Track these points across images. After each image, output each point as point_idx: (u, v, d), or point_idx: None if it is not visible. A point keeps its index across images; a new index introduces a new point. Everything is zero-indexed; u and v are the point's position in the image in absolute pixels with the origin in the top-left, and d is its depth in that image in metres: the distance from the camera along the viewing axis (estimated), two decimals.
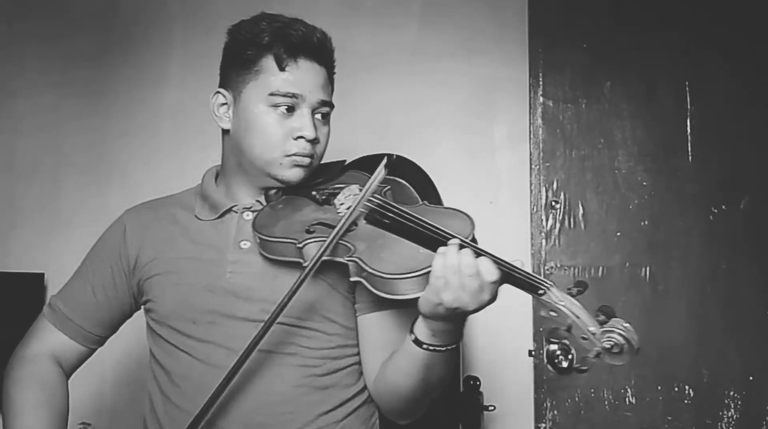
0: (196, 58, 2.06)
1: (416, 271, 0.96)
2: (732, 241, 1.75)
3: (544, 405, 1.77)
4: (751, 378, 1.72)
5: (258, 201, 1.22)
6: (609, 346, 0.90)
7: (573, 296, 0.95)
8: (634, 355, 0.91)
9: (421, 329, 1.02)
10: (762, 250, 1.75)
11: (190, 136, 2.03)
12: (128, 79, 2.07)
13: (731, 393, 1.72)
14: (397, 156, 1.76)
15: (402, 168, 1.73)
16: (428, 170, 1.75)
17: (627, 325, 0.91)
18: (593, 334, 0.92)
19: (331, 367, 1.16)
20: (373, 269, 0.98)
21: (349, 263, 1.02)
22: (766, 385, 1.72)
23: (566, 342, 0.95)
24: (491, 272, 0.95)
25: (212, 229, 1.22)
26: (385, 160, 1.11)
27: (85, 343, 1.26)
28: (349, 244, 1.04)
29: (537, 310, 1.77)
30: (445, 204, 1.73)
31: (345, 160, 1.32)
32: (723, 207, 1.77)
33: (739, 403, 1.72)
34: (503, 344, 1.83)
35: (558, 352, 1.76)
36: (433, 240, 0.98)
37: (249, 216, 1.20)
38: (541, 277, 0.96)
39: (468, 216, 1.06)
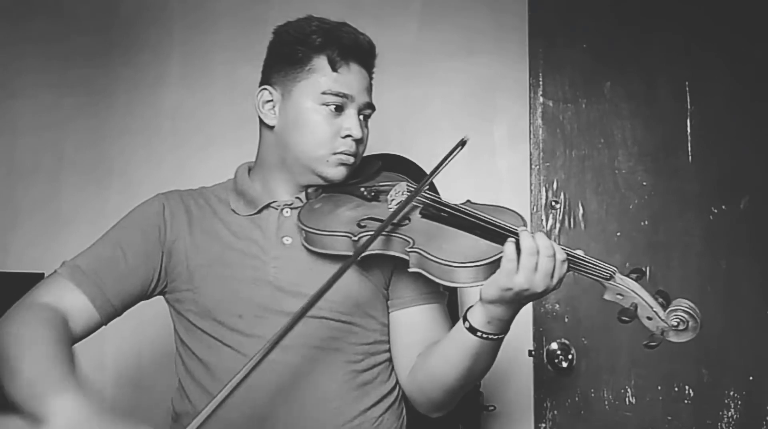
0: (196, 58, 2.06)
1: (482, 259, 1.01)
2: (732, 241, 1.75)
3: (544, 405, 1.77)
4: (751, 378, 1.72)
5: (298, 198, 1.24)
6: (676, 323, 0.98)
7: (635, 281, 1.02)
8: (698, 330, 0.98)
9: (477, 316, 1.05)
10: (762, 250, 1.75)
11: (190, 136, 2.03)
12: (128, 79, 2.07)
13: (731, 393, 1.72)
14: (397, 156, 1.77)
15: (402, 168, 1.74)
16: (428, 170, 1.75)
17: (691, 303, 0.98)
18: (657, 313, 0.99)
19: (370, 363, 1.19)
20: (439, 258, 1.02)
21: (411, 255, 1.06)
22: (766, 385, 1.72)
23: (636, 319, 1.03)
24: (562, 253, 1.03)
25: (251, 224, 1.22)
26: (459, 146, 1.19)
27: (100, 309, 1.16)
28: (406, 238, 1.08)
29: (538, 309, 1.78)
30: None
31: (380, 160, 1.35)
32: (723, 207, 1.77)
33: (739, 403, 1.72)
34: (503, 344, 1.83)
35: (558, 352, 1.76)
36: (493, 231, 1.05)
37: (289, 212, 1.22)
38: (607, 263, 1.04)
39: (516, 212, 1.12)
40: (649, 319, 1.00)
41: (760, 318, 1.73)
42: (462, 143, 1.20)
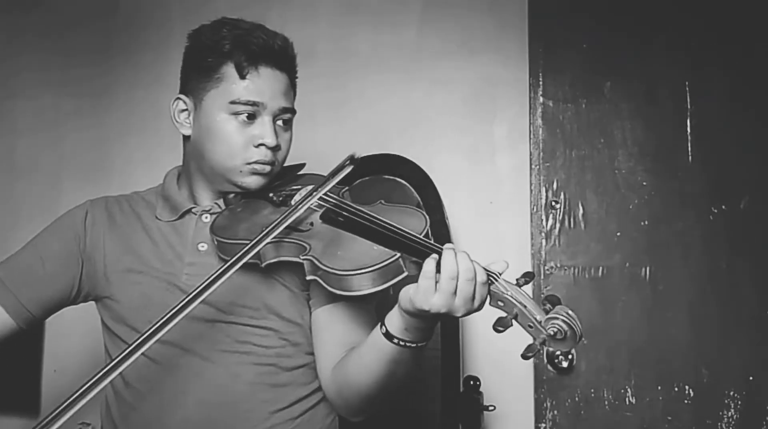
0: None
1: (369, 266, 0.98)
2: (732, 241, 1.75)
3: (544, 405, 1.77)
4: (751, 378, 1.72)
5: (216, 204, 1.23)
6: (553, 332, 0.92)
7: (520, 286, 0.98)
8: (578, 341, 0.93)
9: (395, 323, 1.01)
10: (762, 250, 1.75)
11: None
12: (128, 79, 2.07)
13: (731, 393, 1.72)
14: (397, 156, 1.77)
15: (402, 168, 1.74)
16: (428, 170, 1.75)
17: (570, 312, 0.93)
18: (539, 322, 0.94)
19: (285, 365, 1.17)
20: (327, 266, 1.00)
21: (305, 262, 1.04)
22: (766, 385, 1.72)
23: (507, 330, 0.96)
24: (483, 275, 0.96)
25: (171, 230, 1.22)
26: (347, 160, 1.13)
27: (15, 316, 1.18)
28: (304, 243, 1.06)
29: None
30: (446, 204, 1.73)
31: (304, 164, 1.32)
32: (723, 207, 1.77)
33: (739, 403, 1.72)
34: (503, 344, 1.82)
35: (558, 352, 1.76)
36: (387, 237, 1.00)
37: (207, 218, 1.21)
38: (490, 269, 0.99)
39: (423, 214, 1.09)
40: (530, 327, 0.95)
41: (760, 318, 1.73)
42: (351, 161, 1.15)
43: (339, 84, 1.92)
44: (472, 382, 1.71)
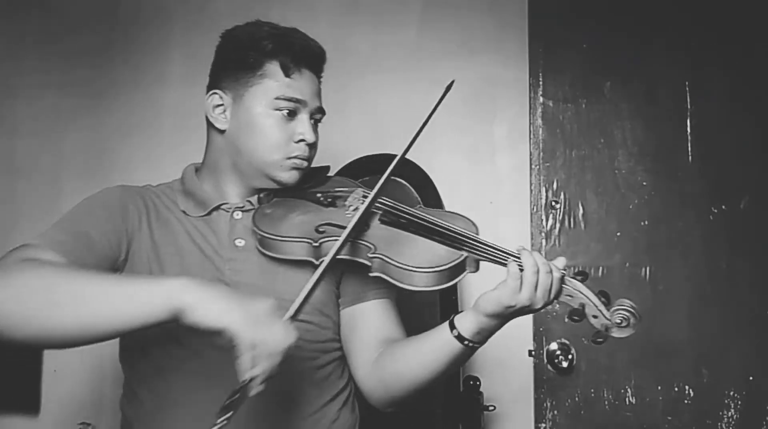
0: (196, 58, 2.05)
1: (442, 265, 1.05)
2: (732, 241, 1.75)
3: (544, 405, 1.77)
4: (751, 378, 1.72)
5: (249, 201, 1.24)
6: (619, 320, 1.05)
7: (581, 282, 1.08)
8: (638, 325, 1.05)
9: (468, 326, 1.08)
10: (762, 250, 1.75)
11: (190, 136, 2.02)
12: (128, 79, 2.07)
13: (731, 393, 1.72)
14: (396, 156, 1.76)
15: (402, 168, 1.74)
16: (428, 170, 1.75)
17: (631, 302, 1.06)
18: (602, 312, 1.05)
19: (325, 360, 1.21)
20: (400, 263, 1.06)
21: (373, 260, 1.08)
22: (766, 385, 1.72)
23: (583, 320, 1.09)
24: (558, 271, 1.06)
25: (204, 225, 1.22)
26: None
27: None
28: (368, 244, 1.10)
29: None
30: (446, 204, 1.73)
31: (329, 166, 1.36)
32: (723, 207, 1.77)
33: (739, 403, 1.72)
34: (503, 344, 1.82)
35: (558, 352, 1.76)
36: (451, 237, 1.08)
37: (239, 215, 1.22)
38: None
39: (467, 218, 1.16)
40: (595, 317, 1.06)
41: (760, 318, 1.73)
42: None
43: (339, 84, 1.92)
44: (472, 382, 1.71)
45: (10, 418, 2.01)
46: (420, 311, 1.62)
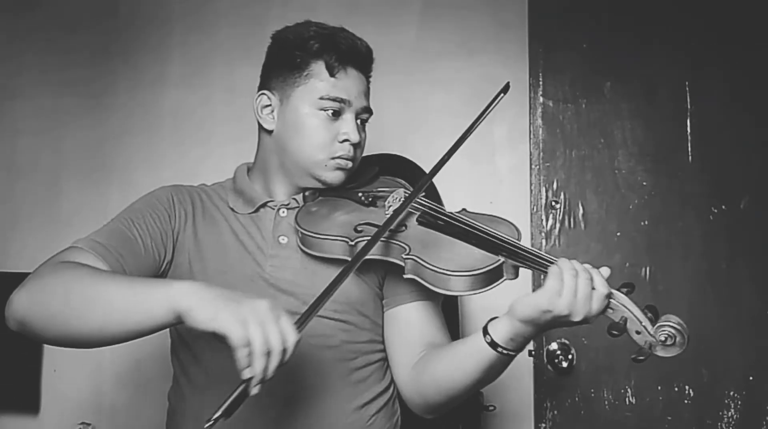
0: (196, 58, 2.06)
1: (477, 269, 1.02)
2: (732, 241, 1.75)
3: (544, 405, 1.77)
4: (751, 378, 1.72)
5: (294, 199, 1.26)
6: (663, 338, 0.97)
7: (626, 295, 1.01)
8: (686, 345, 0.98)
9: (502, 332, 1.03)
10: (762, 250, 1.75)
11: (190, 136, 2.03)
12: (128, 79, 2.07)
13: (731, 393, 1.72)
14: (398, 156, 1.77)
15: (402, 168, 1.74)
16: (428, 170, 1.75)
17: (679, 320, 0.99)
18: (646, 328, 0.98)
19: (363, 361, 1.21)
20: (434, 266, 1.03)
21: (407, 262, 1.07)
22: (766, 385, 1.72)
23: (623, 335, 1.01)
24: (606, 288, 0.99)
25: (250, 222, 1.24)
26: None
27: None
28: (403, 244, 1.09)
29: None
30: (446, 204, 1.73)
31: (377, 166, 1.36)
32: (723, 207, 1.77)
33: (739, 403, 1.72)
34: None
35: (558, 352, 1.76)
36: (489, 241, 1.05)
37: (285, 212, 1.24)
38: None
39: (512, 223, 1.13)
40: (638, 333, 0.99)
41: (760, 318, 1.73)
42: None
43: None
44: None
45: (10, 418, 2.01)
46: None
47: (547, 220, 1.82)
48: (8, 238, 2.06)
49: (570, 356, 1.76)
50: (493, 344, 1.04)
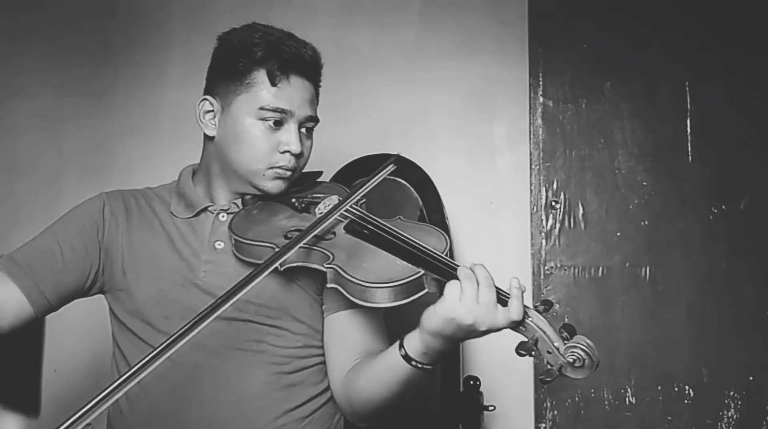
0: (196, 58, 2.04)
1: (394, 280, 1.00)
2: (732, 241, 1.75)
3: (544, 405, 1.77)
4: (751, 378, 1.72)
5: (234, 203, 1.24)
6: (572, 360, 0.96)
7: (540, 313, 0.99)
8: (595, 369, 0.97)
9: (414, 346, 1.03)
10: (762, 250, 1.75)
11: (190, 136, 2.02)
12: (128, 79, 2.07)
13: (731, 393, 1.72)
14: (398, 156, 1.77)
15: (402, 168, 1.74)
16: (428, 170, 1.75)
17: (590, 342, 0.96)
18: (557, 348, 0.97)
19: (297, 366, 1.19)
20: (352, 277, 1.01)
21: (328, 270, 1.05)
22: (766, 385, 1.72)
23: (535, 354, 0.99)
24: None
25: (188, 227, 1.23)
26: (391, 164, 1.19)
27: (34, 303, 1.15)
28: (327, 252, 1.07)
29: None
30: (446, 204, 1.73)
31: (321, 172, 1.35)
32: (723, 207, 1.77)
33: (739, 403, 1.72)
34: (503, 344, 1.82)
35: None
36: (411, 253, 1.03)
37: (224, 217, 1.23)
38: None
39: (443, 233, 1.11)
40: (549, 353, 0.98)
41: (760, 318, 1.73)
42: (392, 161, 1.21)
43: (339, 84, 1.92)
44: (472, 382, 1.71)
45: (10, 418, 2.01)
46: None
47: (547, 220, 1.82)
48: (8, 238, 2.06)
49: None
50: (407, 357, 1.04)
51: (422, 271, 1.01)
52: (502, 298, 0.99)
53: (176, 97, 2.05)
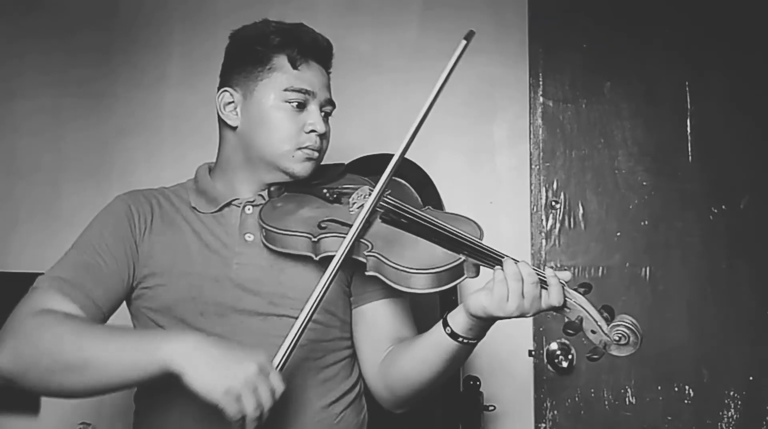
0: (196, 58, 2.06)
1: (438, 267, 1.03)
2: (732, 241, 1.75)
3: (544, 405, 1.77)
4: (751, 378, 1.72)
5: (260, 195, 1.25)
6: (617, 337, 0.99)
7: (582, 295, 1.03)
8: (639, 346, 1.00)
9: (460, 323, 1.07)
10: (762, 250, 1.75)
11: (190, 136, 2.03)
12: (128, 79, 2.07)
13: (731, 393, 1.72)
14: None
15: (402, 168, 1.74)
16: (428, 170, 1.75)
17: (633, 320, 1.00)
18: (601, 327, 1.01)
19: (331, 359, 1.21)
20: (395, 263, 1.04)
21: (369, 259, 1.07)
22: (766, 385, 1.72)
23: (580, 334, 1.04)
24: (560, 278, 1.03)
25: (214, 221, 1.23)
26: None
27: (93, 317, 1.15)
28: (366, 242, 1.09)
29: None
30: (446, 204, 1.73)
31: (344, 163, 1.36)
32: (723, 207, 1.77)
33: (739, 403, 1.72)
34: (503, 344, 1.83)
35: (558, 352, 1.76)
36: (451, 240, 1.06)
37: (251, 210, 1.23)
38: (558, 276, 1.03)
39: (475, 222, 1.14)
40: (593, 332, 1.02)
41: (760, 318, 1.73)
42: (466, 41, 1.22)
43: (339, 84, 1.91)
44: (472, 382, 1.71)
45: (10, 418, 2.01)
46: (421, 314, 1.62)
47: (547, 220, 1.82)
48: (8, 238, 2.06)
49: (570, 356, 1.76)
50: (453, 335, 1.07)
51: (463, 258, 1.04)
52: (543, 286, 1.02)
53: (176, 97, 2.05)
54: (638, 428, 1.74)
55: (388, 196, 1.18)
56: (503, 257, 1.04)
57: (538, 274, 1.02)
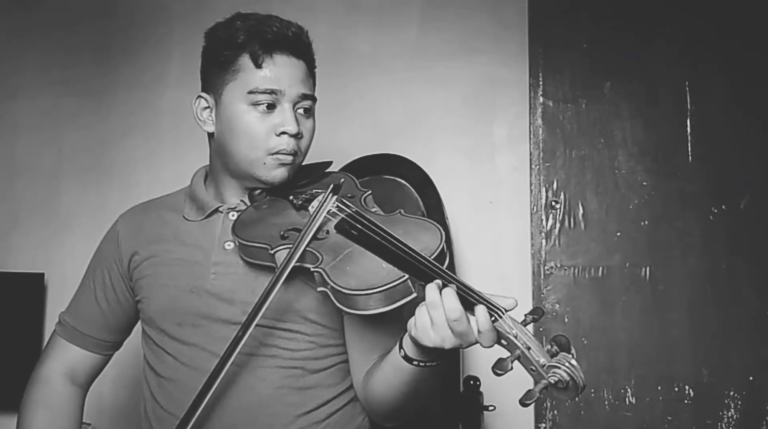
0: (196, 58, 2.03)
1: (377, 286, 0.94)
2: (732, 241, 1.75)
3: (544, 405, 1.77)
4: (751, 378, 1.72)
5: (242, 201, 1.21)
6: (554, 381, 0.88)
7: (526, 324, 0.92)
8: (579, 393, 0.88)
9: (410, 345, 1.00)
10: (762, 250, 1.75)
11: (190, 136, 2.03)
12: (128, 78, 2.07)
13: (731, 393, 1.72)
14: (397, 156, 1.76)
15: (402, 168, 1.74)
16: (428, 170, 1.75)
17: (574, 362, 0.88)
18: (541, 366, 0.90)
19: (312, 368, 1.15)
20: (335, 283, 0.96)
21: (315, 273, 1.01)
22: (766, 385, 1.72)
23: (507, 372, 0.94)
24: (481, 313, 0.92)
25: (200, 230, 1.21)
26: (331, 188, 1.14)
27: (98, 351, 1.29)
28: (317, 253, 1.03)
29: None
30: (446, 204, 1.73)
31: (331, 161, 1.30)
32: (723, 207, 1.77)
33: (739, 403, 1.72)
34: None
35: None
36: (396, 256, 0.97)
37: (234, 216, 1.20)
38: (496, 304, 0.93)
39: (439, 229, 1.03)
40: (533, 371, 0.91)
41: (760, 318, 1.73)
42: (331, 191, 1.15)
43: (339, 84, 1.92)
44: (472, 382, 1.71)
45: (10, 418, 2.01)
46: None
47: (547, 220, 1.82)
48: (8, 238, 2.06)
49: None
50: (407, 358, 1.01)
51: (406, 276, 0.94)
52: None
53: (176, 97, 2.05)
54: (638, 428, 1.74)
55: (347, 204, 1.10)
56: (434, 279, 0.93)
57: (473, 303, 0.91)
